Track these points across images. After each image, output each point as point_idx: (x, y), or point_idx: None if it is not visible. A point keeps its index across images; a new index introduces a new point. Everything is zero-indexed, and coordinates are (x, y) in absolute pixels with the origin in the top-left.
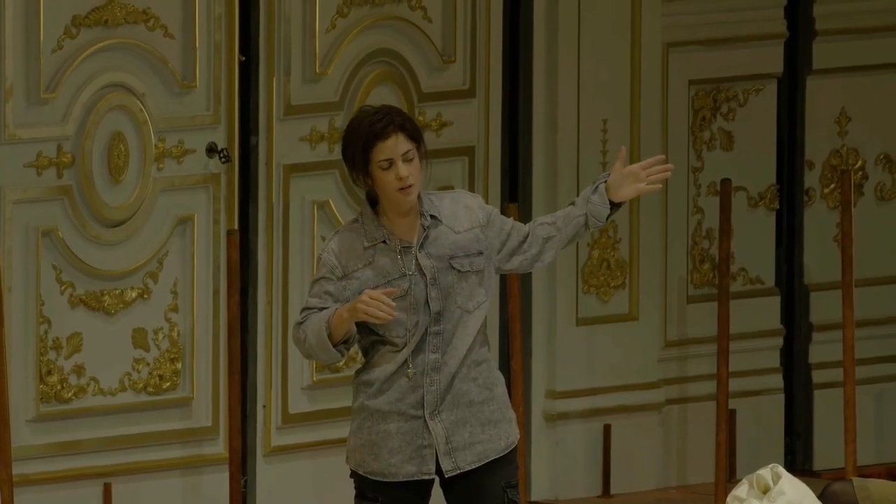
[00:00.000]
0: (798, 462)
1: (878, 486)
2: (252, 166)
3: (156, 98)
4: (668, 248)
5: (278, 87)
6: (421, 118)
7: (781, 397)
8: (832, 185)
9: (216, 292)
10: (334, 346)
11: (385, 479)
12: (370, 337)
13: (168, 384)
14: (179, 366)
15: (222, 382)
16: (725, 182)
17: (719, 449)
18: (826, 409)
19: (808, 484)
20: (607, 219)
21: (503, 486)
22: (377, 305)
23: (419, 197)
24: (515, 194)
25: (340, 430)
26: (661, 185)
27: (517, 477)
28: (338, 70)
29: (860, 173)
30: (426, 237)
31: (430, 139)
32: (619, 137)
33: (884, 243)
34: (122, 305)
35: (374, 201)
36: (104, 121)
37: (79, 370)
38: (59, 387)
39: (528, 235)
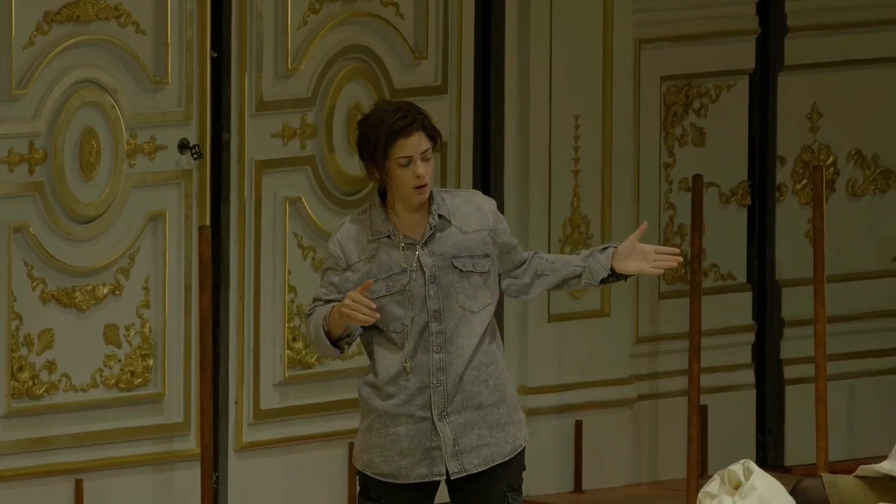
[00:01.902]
0: (769, 458)
1: (848, 482)
2: (224, 162)
3: (128, 94)
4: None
5: (250, 84)
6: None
7: (753, 393)
8: (804, 181)
9: (188, 288)
10: (335, 342)
11: (396, 482)
12: (370, 331)
13: (140, 380)
14: (151, 362)
15: (194, 378)
16: (697, 178)
17: (691, 445)
18: (798, 404)
19: (779, 480)
20: (602, 282)
21: (505, 490)
22: (358, 308)
23: (430, 194)
24: (487, 190)
25: (312, 426)
26: (662, 271)
27: (521, 479)
28: (310, 66)
29: (832, 169)
30: (431, 235)
31: None
32: (591, 133)
33: (855, 239)
34: (93, 302)
35: (384, 194)
36: (76, 117)
37: (50, 366)
38: (30, 383)
39: (525, 262)
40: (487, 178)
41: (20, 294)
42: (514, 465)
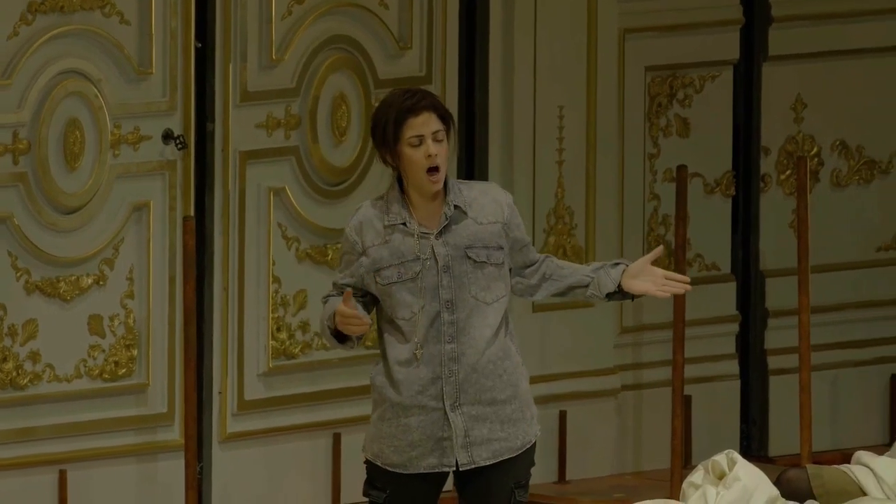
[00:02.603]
0: (753, 448)
1: (832, 473)
2: (208, 153)
3: (112, 84)
4: (624, 235)
5: (234, 74)
6: (377, 105)
7: (737, 383)
8: (788, 172)
9: (172, 279)
10: (342, 339)
11: (406, 472)
12: (381, 318)
13: (124, 371)
14: (135, 352)
15: (178, 369)
16: (681, 168)
17: (675, 435)
18: (781, 395)
19: (763, 470)
20: (608, 297)
21: (512, 486)
22: (349, 322)
23: (446, 185)
24: (471, 179)
25: (296, 417)
26: (669, 295)
27: (528, 476)
28: (294, 56)
29: (816, 160)
30: (447, 226)
31: None
32: (576, 124)
33: (839, 230)
34: (77, 292)
35: (401, 182)
36: (60, 107)
37: (34, 357)
38: (14, 373)
39: (535, 263)
40: (472, 168)
41: (4, 284)
42: (523, 460)
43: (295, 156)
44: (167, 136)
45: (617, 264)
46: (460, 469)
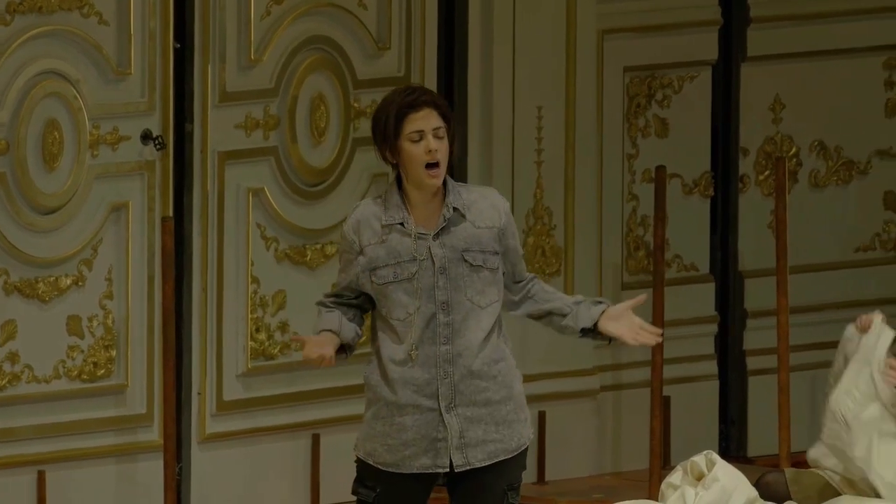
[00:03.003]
0: (732, 448)
1: (811, 477)
2: (187, 153)
3: (90, 85)
4: (602, 235)
5: (213, 74)
6: (356, 105)
7: (716, 384)
8: (766, 172)
9: (151, 279)
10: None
11: (399, 471)
12: (376, 317)
13: (102, 371)
14: (114, 353)
15: (157, 369)
16: (660, 169)
17: (653, 435)
18: (760, 395)
19: (742, 470)
20: (582, 332)
21: (505, 488)
22: (310, 358)
23: (446, 186)
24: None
25: (275, 418)
26: (639, 344)
27: (521, 479)
28: (273, 57)
29: (794, 160)
30: (444, 227)
31: (364, 126)
32: (554, 124)
33: (818, 230)
34: (56, 293)
35: (400, 181)
36: (38, 108)
37: (13, 357)
38: None
39: (522, 281)
40: (451, 169)
41: None
42: (517, 462)
43: (274, 156)
44: (146, 137)
45: (599, 303)
46: (455, 470)
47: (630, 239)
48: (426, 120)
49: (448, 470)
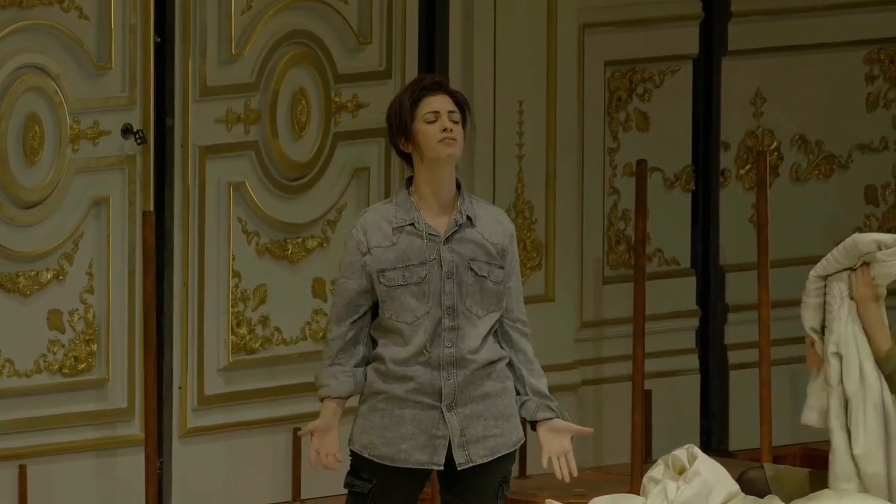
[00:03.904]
0: (714, 443)
1: (791, 473)
2: (168, 148)
3: (71, 79)
4: (583, 229)
5: (194, 69)
6: (337, 99)
7: (697, 378)
8: (748, 166)
9: (132, 274)
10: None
11: (393, 465)
12: (381, 317)
13: (83, 366)
14: (95, 347)
15: (138, 364)
16: (641, 163)
17: (635, 430)
18: (741, 389)
19: (723, 464)
20: (521, 416)
21: (500, 480)
22: (319, 455)
23: (461, 192)
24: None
25: (256, 412)
26: (550, 467)
27: (511, 470)
28: (253, 51)
29: (775, 154)
30: (455, 232)
31: (345, 120)
32: (535, 118)
33: (799, 224)
34: (37, 287)
35: (409, 182)
36: (19, 102)
37: None
38: None
39: (511, 320)
40: None
41: None
42: (512, 456)
43: (255, 150)
44: (126, 131)
45: (555, 410)
46: (458, 468)
47: (611, 233)
48: (442, 102)
49: (441, 468)
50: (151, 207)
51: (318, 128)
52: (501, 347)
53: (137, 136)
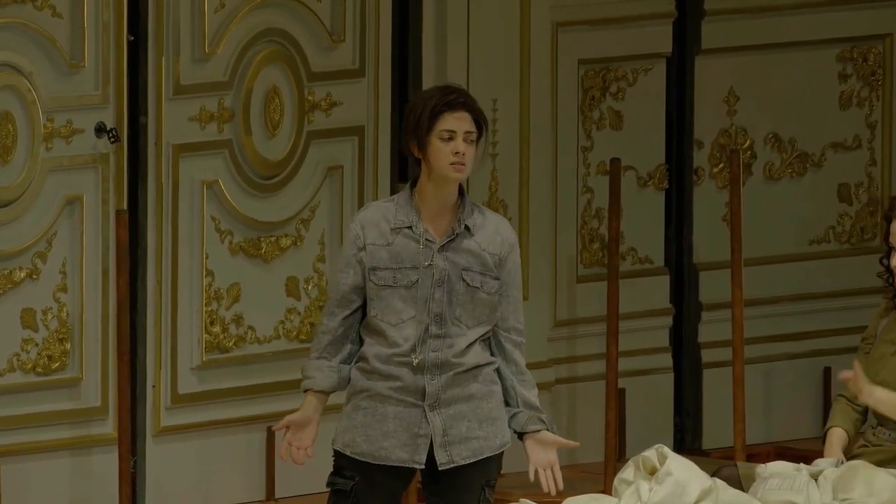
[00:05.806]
0: (687, 441)
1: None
2: (141, 146)
3: (44, 78)
4: (557, 228)
5: (167, 67)
6: (310, 98)
7: (671, 376)
8: (721, 165)
9: (105, 272)
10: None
11: (374, 462)
12: (368, 316)
13: (57, 364)
14: (68, 346)
15: (111, 362)
16: (615, 161)
17: (609, 428)
18: (715, 388)
19: (697, 463)
20: (510, 426)
21: (483, 484)
22: (291, 449)
23: (464, 199)
24: (405, 174)
25: (230, 411)
26: (536, 479)
27: (497, 476)
28: (227, 50)
29: (749, 153)
30: (452, 241)
31: (319, 119)
32: (509, 117)
33: (772, 222)
34: (10, 286)
35: (413, 183)
36: None
37: None
38: None
39: (506, 329)
40: (405, 162)
41: None
42: (496, 460)
43: (228, 149)
44: (100, 130)
45: (542, 422)
46: (439, 468)
47: (585, 231)
48: (460, 122)
49: (423, 467)
50: (125, 206)
51: (292, 126)
52: (492, 354)
53: (111, 135)
